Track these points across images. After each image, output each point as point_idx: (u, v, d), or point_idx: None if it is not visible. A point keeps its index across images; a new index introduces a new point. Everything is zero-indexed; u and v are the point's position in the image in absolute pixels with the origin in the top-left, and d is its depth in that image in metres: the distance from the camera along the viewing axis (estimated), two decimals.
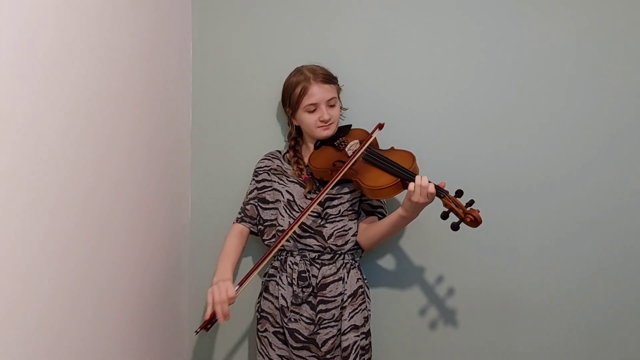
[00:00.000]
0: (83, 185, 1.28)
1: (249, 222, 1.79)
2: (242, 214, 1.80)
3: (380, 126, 1.73)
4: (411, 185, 1.51)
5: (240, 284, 1.56)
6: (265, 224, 1.77)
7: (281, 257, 1.74)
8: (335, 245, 1.70)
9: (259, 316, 1.77)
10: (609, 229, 1.82)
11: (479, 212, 1.45)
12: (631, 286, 1.82)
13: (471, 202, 1.49)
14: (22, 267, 1.08)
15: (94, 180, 1.34)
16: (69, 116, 1.21)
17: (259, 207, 1.79)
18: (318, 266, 1.70)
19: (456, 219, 1.47)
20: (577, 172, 1.83)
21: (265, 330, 1.75)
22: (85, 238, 1.31)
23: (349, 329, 1.68)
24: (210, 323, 1.50)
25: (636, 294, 1.82)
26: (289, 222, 1.71)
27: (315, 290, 1.69)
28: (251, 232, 1.81)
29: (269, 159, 1.83)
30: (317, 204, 1.68)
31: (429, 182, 1.50)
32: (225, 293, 1.51)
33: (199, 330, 1.51)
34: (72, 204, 1.24)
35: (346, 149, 1.73)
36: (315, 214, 1.71)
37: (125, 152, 1.49)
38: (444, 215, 1.50)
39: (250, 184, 1.83)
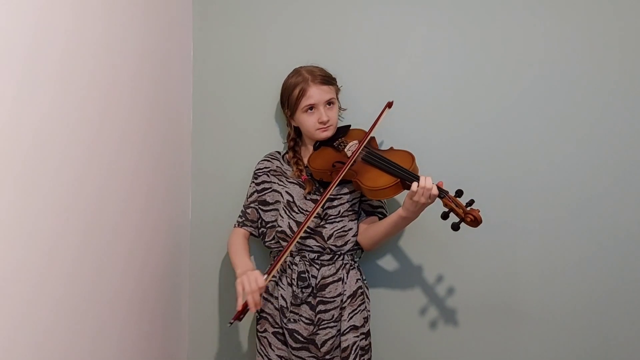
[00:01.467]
0: (89, 188, 1.29)
1: (250, 226, 1.79)
2: (243, 218, 1.80)
3: (389, 104, 1.72)
4: (414, 186, 1.50)
5: (268, 273, 1.53)
6: (268, 226, 1.77)
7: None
8: (335, 245, 1.70)
9: (258, 316, 1.77)
10: (611, 230, 1.82)
11: (479, 211, 1.45)
12: (633, 289, 1.82)
13: (471, 202, 1.49)
14: (33, 270, 1.08)
15: (100, 183, 1.34)
16: (74, 118, 1.21)
17: (259, 210, 1.79)
18: (317, 267, 1.69)
19: (456, 219, 1.47)
20: (579, 173, 1.83)
21: (265, 330, 1.74)
22: (92, 241, 1.31)
23: (348, 330, 1.67)
24: (242, 313, 1.48)
25: (638, 296, 1.82)
26: (289, 223, 1.71)
27: (314, 291, 1.68)
28: (251, 235, 1.81)
29: (268, 160, 1.83)
30: None
31: (432, 183, 1.50)
32: (255, 283, 1.47)
33: (232, 321, 1.47)
34: (80, 209, 1.25)
35: (345, 150, 1.73)
36: (315, 215, 1.70)
37: (126, 154, 1.49)
38: (444, 216, 1.50)
39: (250, 186, 1.82)
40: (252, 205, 1.79)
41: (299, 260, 1.70)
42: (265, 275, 1.52)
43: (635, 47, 1.80)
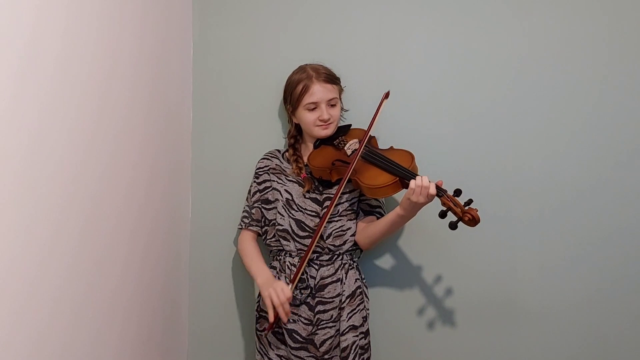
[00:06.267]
0: (88, 187, 1.29)
1: (256, 226, 1.78)
2: (249, 219, 1.78)
3: (386, 95, 1.73)
4: (412, 183, 1.50)
5: (292, 282, 1.63)
6: (269, 224, 1.77)
7: (280, 257, 1.73)
8: (333, 245, 1.69)
9: (258, 315, 1.77)
10: (610, 229, 1.82)
11: (477, 211, 1.44)
12: (633, 288, 1.81)
13: (469, 201, 1.48)
14: (31, 269, 1.09)
15: (99, 182, 1.34)
16: (73, 117, 1.22)
17: (263, 209, 1.79)
18: (316, 267, 1.69)
19: (454, 218, 1.47)
20: (577, 172, 1.83)
21: (264, 329, 1.74)
22: (92, 240, 1.31)
23: (347, 330, 1.67)
24: (275, 324, 1.64)
25: (637, 295, 1.81)
26: (289, 222, 1.71)
27: (313, 292, 1.68)
28: (257, 235, 1.81)
29: (268, 159, 1.83)
30: (317, 204, 1.70)
31: (430, 181, 1.49)
32: (283, 294, 1.57)
33: (266, 332, 1.69)
34: (78, 208, 1.25)
35: (345, 149, 1.72)
36: (314, 214, 1.70)
37: (126, 153, 1.49)
38: (442, 214, 1.49)
39: (252, 186, 1.82)
40: (255, 204, 1.79)
41: (298, 261, 1.69)
42: (290, 285, 1.61)
43: (631, 45, 1.80)
